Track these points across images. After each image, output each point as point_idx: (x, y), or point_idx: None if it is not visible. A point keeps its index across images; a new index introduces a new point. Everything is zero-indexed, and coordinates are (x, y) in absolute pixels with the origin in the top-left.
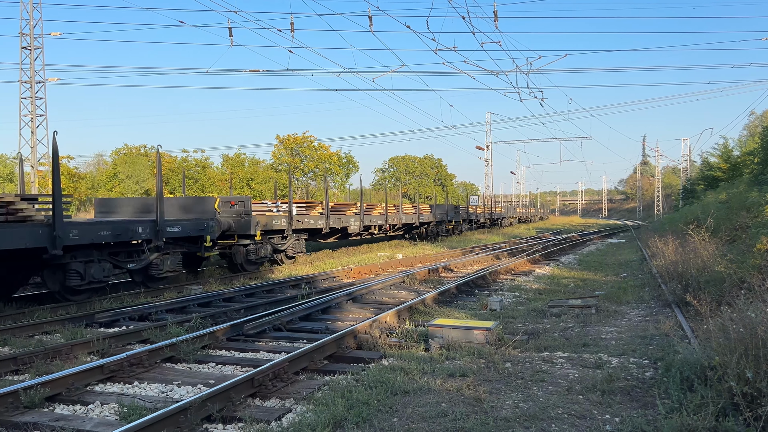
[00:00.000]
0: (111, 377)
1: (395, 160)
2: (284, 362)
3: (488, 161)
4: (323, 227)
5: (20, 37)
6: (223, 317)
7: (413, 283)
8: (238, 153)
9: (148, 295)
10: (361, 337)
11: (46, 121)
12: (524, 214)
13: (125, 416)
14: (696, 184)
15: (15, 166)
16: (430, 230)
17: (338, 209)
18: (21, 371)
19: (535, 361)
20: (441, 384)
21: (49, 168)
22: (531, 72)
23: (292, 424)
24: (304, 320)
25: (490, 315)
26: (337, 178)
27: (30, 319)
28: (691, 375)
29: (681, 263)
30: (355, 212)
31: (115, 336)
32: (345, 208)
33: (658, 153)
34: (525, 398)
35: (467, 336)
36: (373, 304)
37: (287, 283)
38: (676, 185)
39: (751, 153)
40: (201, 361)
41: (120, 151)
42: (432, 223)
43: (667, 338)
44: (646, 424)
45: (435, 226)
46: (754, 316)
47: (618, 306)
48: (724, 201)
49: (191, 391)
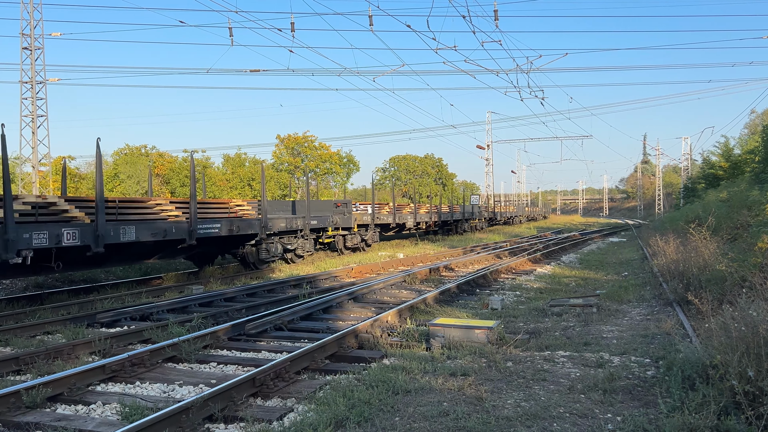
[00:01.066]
0: (113, 377)
1: (396, 160)
2: (286, 362)
3: (489, 160)
4: (391, 222)
5: (21, 37)
6: (224, 317)
7: (414, 283)
8: (239, 153)
9: (150, 295)
10: (362, 336)
11: (46, 121)
12: (532, 213)
13: (127, 416)
14: (697, 182)
15: (16, 166)
16: (459, 226)
17: (399, 209)
18: (23, 371)
19: (536, 360)
20: (442, 383)
21: (49, 169)
22: (531, 71)
23: (294, 423)
24: (305, 320)
25: (491, 314)
26: (338, 178)
27: (32, 319)
28: (693, 374)
29: (682, 262)
30: (410, 211)
31: (117, 336)
32: (402, 207)
33: (659, 152)
34: (526, 397)
35: (468, 335)
36: (374, 304)
37: (288, 283)
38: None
39: (751, 151)
40: (202, 360)
41: (121, 151)
42: (461, 220)
43: (668, 337)
44: (648, 423)
45: (463, 222)
46: (755, 314)
47: (619, 305)
48: (725, 199)
49: (193, 390)
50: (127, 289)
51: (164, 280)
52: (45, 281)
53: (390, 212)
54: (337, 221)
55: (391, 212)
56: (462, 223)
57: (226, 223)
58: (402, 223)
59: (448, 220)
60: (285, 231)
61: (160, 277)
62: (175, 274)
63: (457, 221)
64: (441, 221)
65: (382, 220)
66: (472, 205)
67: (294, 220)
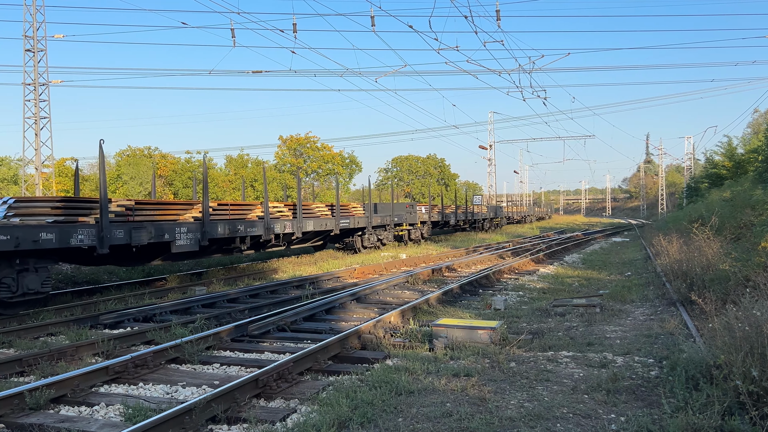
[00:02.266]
0: (116, 378)
1: (398, 160)
2: (289, 363)
3: (491, 160)
4: (439, 219)
5: (24, 39)
6: (227, 318)
7: (417, 283)
8: (242, 154)
9: (153, 296)
10: (365, 337)
11: (49, 123)
12: (539, 213)
13: (130, 417)
14: (700, 182)
15: (19, 168)
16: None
17: (446, 207)
18: (26, 373)
19: (539, 361)
20: (445, 384)
21: (52, 170)
22: (534, 71)
23: (297, 424)
24: (308, 321)
25: (494, 314)
26: (340, 179)
27: (35, 320)
28: (697, 374)
29: (685, 262)
30: (451, 211)
31: (120, 337)
32: (447, 207)
33: (662, 151)
34: (530, 398)
35: (471, 336)
36: (376, 304)
37: (291, 284)
38: (680, 183)
39: (755, 151)
40: (205, 362)
41: (123, 152)
42: (489, 218)
43: (671, 337)
44: (652, 423)
45: (490, 220)
46: (759, 314)
47: (622, 305)
48: (729, 199)
49: (196, 392)
50: (130, 290)
51: (167, 282)
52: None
53: (439, 212)
54: (407, 218)
55: (439, 212)
56: (487, 222)
57: (353, 220)
58: (446, 221)
59: (476, 219)
60: (379, 225)
61: (164, 278)
62: (178, 276)
63: (484, 219)
64: (465, 219)
65: (434, 218)
66: (495, 206)
67: (385, 217)
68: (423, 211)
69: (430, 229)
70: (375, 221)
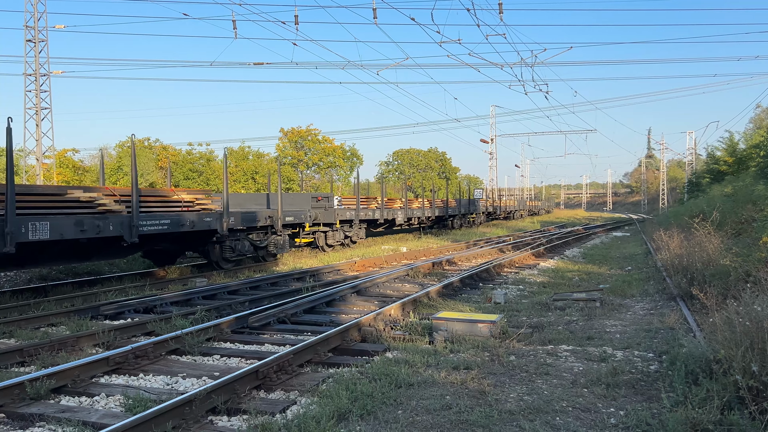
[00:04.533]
0: (116, 369)
1: (400, 153)
2: (289, 355)
3: (493, 154)
4: (379, 218)
5: (25, 29)
6: (227, 310)
7: (417, 276)
8: (243, 146)
9: (153, 287)
10: (365, 329)
11: (50, 113)
12: (533, 207)
13: (130, 408)
14: (701, 177)
15: (20, 159)
16: (454, 222)
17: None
18: (27, 363)
19: (539, 354)
20: (445, 377)
21: (53, 161)
22: (536, 65)
23: (297, 416)
24: (308, 313)
25: (495, 308)
26: (341, 171)
27: (36, 311)
28: (696, 368)
29: (686, 257)
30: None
31: (120, 328)
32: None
33: (663, 146)
34: (529, 391)
35: (471, 329)
36: (377, 297)
37: (292, 276)
38: (682, 178)
39: (757, 146)
40: (206, 353)
41: (124, 144)
42: (457, 215)
43: (671, 332)
44: (651, 418)
45: (460, 217)
46: (760, 309)
47: (623, 299)
48: (730, 194)
49: (196, 383)
50: (130, 281)
51: (168, 273)
52: (49, 273)
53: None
54: (321, 217)
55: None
56: (458, 219)
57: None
58: (392, 219)
59: (443, 216)
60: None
61: (164, 269)
62: (179, 267)
63: (452, 216)
64: (436, 216)
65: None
66: (468, 200)
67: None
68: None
69: (361, 231)
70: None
